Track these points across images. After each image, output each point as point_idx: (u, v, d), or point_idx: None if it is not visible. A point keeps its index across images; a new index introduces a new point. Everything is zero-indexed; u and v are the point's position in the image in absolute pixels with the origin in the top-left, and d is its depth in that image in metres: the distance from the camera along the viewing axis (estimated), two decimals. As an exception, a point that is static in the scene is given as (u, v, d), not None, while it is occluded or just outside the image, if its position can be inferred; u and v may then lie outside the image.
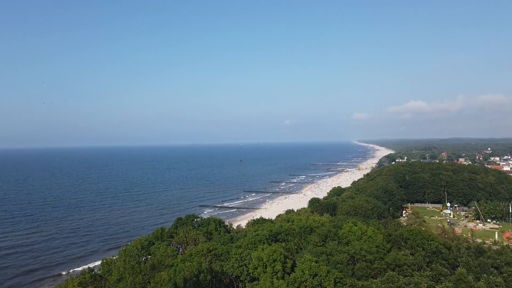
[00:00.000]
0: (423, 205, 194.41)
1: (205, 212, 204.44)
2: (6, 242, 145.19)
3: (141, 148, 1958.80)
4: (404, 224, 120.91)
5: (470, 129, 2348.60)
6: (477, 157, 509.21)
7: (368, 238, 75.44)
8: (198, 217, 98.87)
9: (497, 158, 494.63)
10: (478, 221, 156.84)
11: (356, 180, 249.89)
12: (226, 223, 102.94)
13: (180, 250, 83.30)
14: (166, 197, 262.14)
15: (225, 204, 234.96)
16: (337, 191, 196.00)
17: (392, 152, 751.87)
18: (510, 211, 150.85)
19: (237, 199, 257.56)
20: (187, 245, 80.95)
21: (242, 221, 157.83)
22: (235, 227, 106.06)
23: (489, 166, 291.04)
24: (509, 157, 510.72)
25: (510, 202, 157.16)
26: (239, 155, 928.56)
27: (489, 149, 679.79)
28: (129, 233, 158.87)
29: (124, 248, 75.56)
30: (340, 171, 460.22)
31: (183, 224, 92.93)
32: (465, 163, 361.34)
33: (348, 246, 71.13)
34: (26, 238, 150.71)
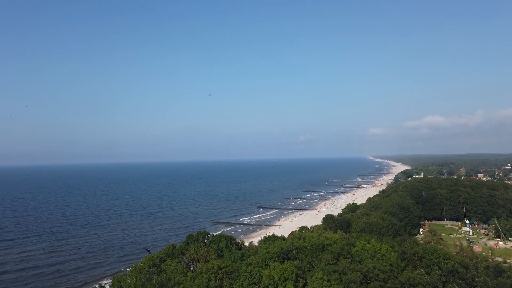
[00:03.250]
0: (441, 222, 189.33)
1: (218, 228, 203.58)
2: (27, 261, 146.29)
3: (157, 164, 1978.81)
4: (421, 242, 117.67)
5: (490, 144, 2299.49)
6: (496, 173, 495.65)
7: (381, 256, 73.60)
8: (210, 234, 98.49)
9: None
10: (498, 239, 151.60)
11: (371, 196, 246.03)
12: (238, 240, 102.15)
13: (191, 267, 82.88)
14: (180, 213, 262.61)
15: (239, 221, 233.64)
16: (351, 208, 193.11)
17: (409, 168, 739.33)
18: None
19: (251, 215, 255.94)
20: (198, 262, 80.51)
21: (255, 238, 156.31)
22: (247, 244, 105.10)
23: (509, 182, 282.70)
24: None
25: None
26: (253, 172, 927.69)
27: (509, 164, 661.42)
28: (142, 250, 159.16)
29: (135, 265, 75.64)
30: (355, 188, 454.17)
31: (194, 240, 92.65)
32: (484, 179, 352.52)
33: (361, 264, 69.44)
34: (45, 256, 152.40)
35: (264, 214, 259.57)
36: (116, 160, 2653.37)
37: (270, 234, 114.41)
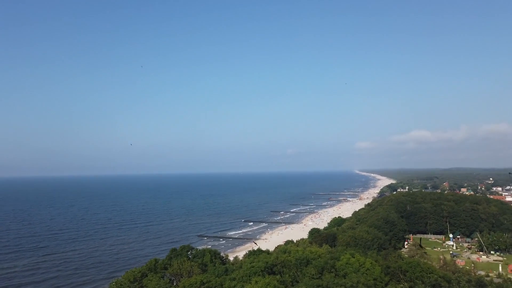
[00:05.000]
0: (425, 236, 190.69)
1: (203, 242, 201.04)
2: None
3: (143, 176, 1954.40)
4: (405, 255, 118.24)
5: (473, 159, 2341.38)
6: (479, 187, 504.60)
7: (366, 271, 73.62)
8: (194, 248, 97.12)
9: (499, 188, 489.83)
10: (481, 252, 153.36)
11: (357, 210, 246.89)
12: (222, 254, 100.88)
13: (174, 282, 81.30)
14: (166, 227, 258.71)
15: (225, 234, 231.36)
16: (337, 221, 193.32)
17: (394, 181, 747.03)
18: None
19: (237, 229, 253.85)
20: (181, 277, 79.09)
21: (240, 252, 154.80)
22: (231, 259, 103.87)
23: (491, 197, 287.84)
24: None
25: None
26: (239, 184, 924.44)
27: (491, 179, 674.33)
28: (124, 264, 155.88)
29: (115, 280, 73.84)
30: (341, 201, 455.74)
31: (178, 255, 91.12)
32: (467, 193, 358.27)
33: (345, 278, 69.24)
34: (28, 273, 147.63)
35: (250, 228, 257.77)
36: (102, 173, 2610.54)
37: (256, 248, 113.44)
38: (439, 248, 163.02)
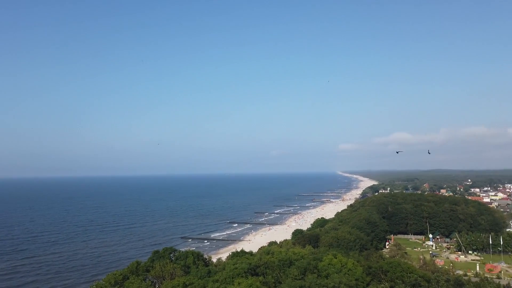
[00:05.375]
0: (406, 236, 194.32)
1: (187, 244, 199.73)
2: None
3: (126, 178, 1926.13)
4: (387, 256, 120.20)
5: (452, 160, 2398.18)
6: (458, 188, 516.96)
7: (348, 271, 74.47)
8: (177, 250, 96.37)
9: (477, 190, 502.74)
10: (460, 252, 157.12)
11: (340, 211, 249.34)
12: (205, 256, 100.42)
13: (156, 285, 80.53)
14: (149, 229, 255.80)
15: (208, 236, 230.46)
16: (320, 222, 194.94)
17: (376, 183, 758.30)
18: (491, 242, 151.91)
19: (221, 230, 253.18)
20: (164, 279, 78.36)
21: (224, 254, 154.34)
22: (215, 260, 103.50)
23: (469, 198, 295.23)
24: (489, 188, 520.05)
25: (490, 233, 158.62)
26: (224, 186, 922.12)
27: (469, 180, 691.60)
28: (106, 267, 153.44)
29: (96, 283, 72.68)
30: (324, 202, 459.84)
31: (160, 257, 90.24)
32: (446, 194, 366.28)
33: (327, 279, 69.89)
34: (6, 277, 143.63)
35: (234, 229, 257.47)
36: (84, 174, 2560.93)
37: (240, 249, 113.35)
38: (419, 248, 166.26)
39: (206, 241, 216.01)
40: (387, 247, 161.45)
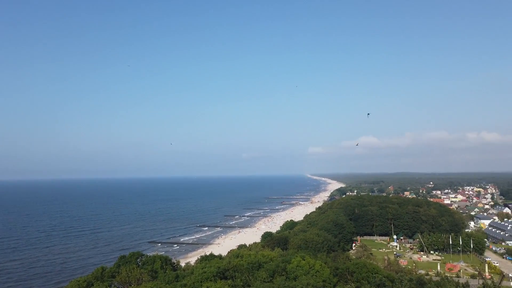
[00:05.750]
0: (371, 237, 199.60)
1: (155, 249, 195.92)
2: None
3: (91, 181, 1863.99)
4: (353, 257, 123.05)
5: (416, 164, 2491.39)
6: (420, 191, 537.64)
7: (315, 273, 75.64)
8: (144, 255, 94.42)
9: (439, 192, 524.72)
10: (422, 252, 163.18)
11: (308, 213, 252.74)
12: (174, 260, 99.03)
13: (123, 291, 78.54)
14: (116, 234, 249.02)
15: (177, 240, 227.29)
16: (289, 225, 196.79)
17: (343, 185, 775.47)
18: (451, 242, 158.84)
19: (190, 234, 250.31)
20: (130, 285, 76.61)
21: (193, 258, 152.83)
22: (183, 265, 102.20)
23: (431, 200, 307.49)
24: (449, 191, 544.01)
25: (450, 234, 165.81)
26: (193, 189, 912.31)
27: (431, 183, 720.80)
28: (70, 274, 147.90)
29: (59, 290, 69.95)
30: (294, 204, 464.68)
31: (127, 262, 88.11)
32: (409, 196, 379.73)
33: (295, 281, 70.72)
34: None
35: (203, 233, 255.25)
36: (55, 176, 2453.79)
37: (209, 253, 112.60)
38: (384, 249, 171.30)
39: (175, 245, 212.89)
40: (353, 248, 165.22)
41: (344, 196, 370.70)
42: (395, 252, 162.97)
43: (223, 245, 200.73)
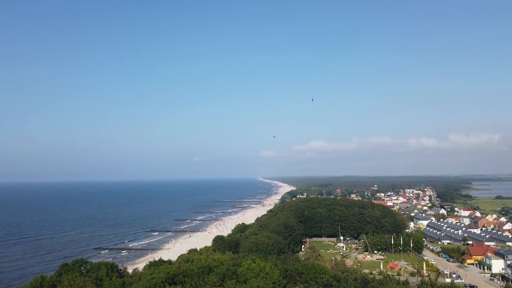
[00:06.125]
0: (320, 239, 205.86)
1: (100, 255, 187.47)
2: None
3: (31, 184, 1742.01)
4: (302, 258, 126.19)
5: (362, 167, 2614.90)
6: (366, 193, 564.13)
7: (265, 275, 76.87)
8: (88, 262, 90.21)
9: (382, 194, 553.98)
10: (366, 252, 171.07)
11: (260, 216, 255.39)
12: (121, 267, 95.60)
13: (64, 300, 74.46)
14: (58, 240, 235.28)
15: (125, 246, 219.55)
16: (241, 228, 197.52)
17: (294, 188, 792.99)
18: (393, 242, 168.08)
19: (139, 239, 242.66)
20: (73, 294, 72.88)
21: (141, 264, 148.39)
22: (131, 271, 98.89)
23: (375, 202, 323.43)
24: (392, 193, 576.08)
25: (392, 234, 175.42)
26: (143, 193, 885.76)
27: (375, 186, 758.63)
28: (6, 284, 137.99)
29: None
30: (245, 208, 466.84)
31: (69, 270, 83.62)
32: (355, 198, 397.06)
33: (245, 284, 71.39)
34: None
35: (153, 238, 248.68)
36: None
37: (158, 258, 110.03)
38: (331, 250, 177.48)
39: (124, 251, 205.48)
40: (303, 250, 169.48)
41: (294, 199, 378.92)
42: (341, 253, 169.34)
43: (173, 250, 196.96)
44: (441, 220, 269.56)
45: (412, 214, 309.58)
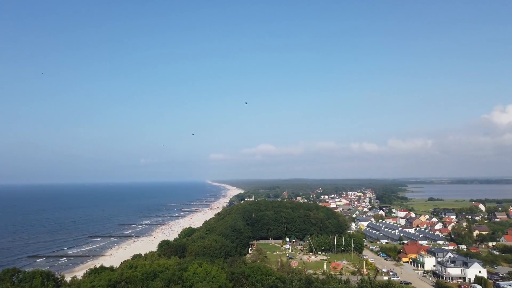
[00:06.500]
0: (267, 241, 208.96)
1: (35, 264, 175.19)
2: None
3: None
4: (249, 261, 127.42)
5: (308, 170, 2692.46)
6: (311, 196, 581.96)
7: (212, 279, 76.81)
8: (21, 271, 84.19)
9: (326, 196, 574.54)
10: (311, 253, 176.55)
11: (207, 219, 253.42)
12: (57, 276, 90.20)
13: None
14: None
15: (64, 253, 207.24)
16: (188, 232, 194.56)
17: (242, 191, 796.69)
18: (335, 243, 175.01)
19: (80, 246, 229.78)
20: (3, 307, 67.73)
21: (81, 271, 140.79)
22: (68, 280, 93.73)
23: (320, 204, 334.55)
24: (335, 195, 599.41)
25: (335, 235, 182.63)
26: (85, 197, 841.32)
27: (320, 188, 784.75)
28: None
29: None
30: (193, 211, 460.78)
31: (0, 280, 77.66)
32: (301, 201, 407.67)
33: (191, 288, 70.87)
34: None
35: (94, 244, 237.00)
36: None
37: (99, 265, 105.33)
38: (278, 252, 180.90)
39: (63, 258, 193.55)
40: (250, 252, 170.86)
41: (242, 201, 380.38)
42: (287, 254, 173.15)
43: (116, 256, 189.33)
44: (380, 221, 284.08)
45: (354, 216, 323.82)
